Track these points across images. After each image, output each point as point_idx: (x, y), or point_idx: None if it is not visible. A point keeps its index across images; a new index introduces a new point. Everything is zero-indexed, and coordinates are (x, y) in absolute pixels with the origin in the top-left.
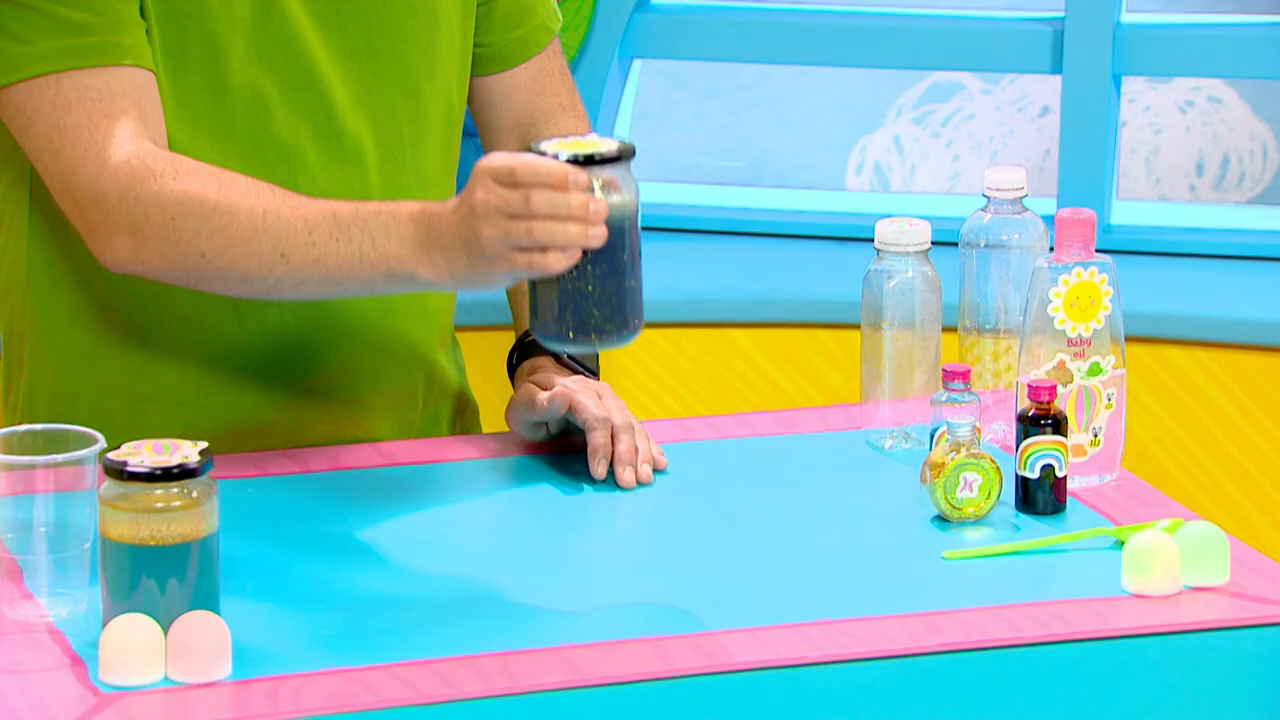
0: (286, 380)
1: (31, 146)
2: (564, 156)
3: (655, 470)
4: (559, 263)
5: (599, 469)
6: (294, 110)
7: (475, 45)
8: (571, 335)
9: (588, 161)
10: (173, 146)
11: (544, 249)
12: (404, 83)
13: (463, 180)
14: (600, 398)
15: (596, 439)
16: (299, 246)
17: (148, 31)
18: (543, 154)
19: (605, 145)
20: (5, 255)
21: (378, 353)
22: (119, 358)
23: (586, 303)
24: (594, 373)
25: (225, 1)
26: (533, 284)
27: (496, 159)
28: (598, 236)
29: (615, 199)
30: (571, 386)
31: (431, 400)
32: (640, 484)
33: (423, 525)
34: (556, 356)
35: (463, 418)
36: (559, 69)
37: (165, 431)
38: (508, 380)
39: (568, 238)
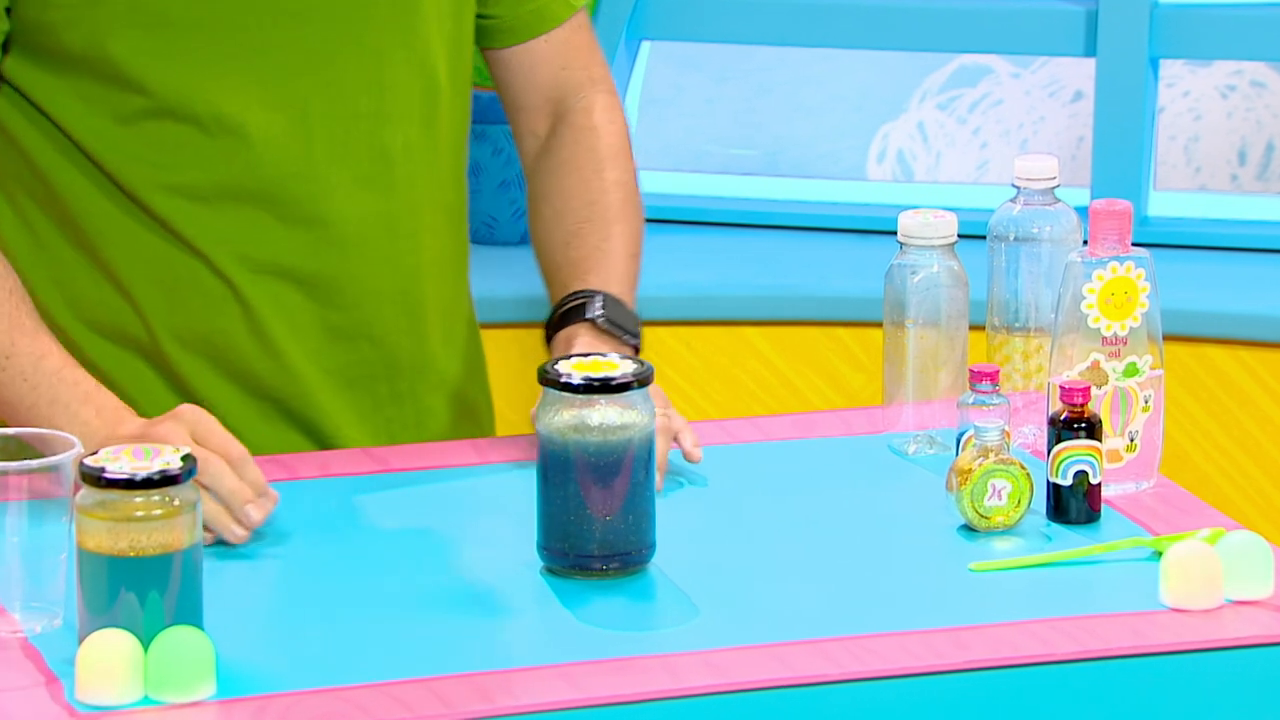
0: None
1: None
2: (577, 379)
3: (678, 470)
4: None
5: None
6: (239, 77)
7: (485, 17)
8: (569, 557)
9: (602, 386)
10: (123, 121)
11: None
12: (363, 49)
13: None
14: None
15: None
16: None
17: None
18: (557, 374)
19: (622, 369)
20: None
21: (316, 331)
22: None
23: (590, 528)
24: (634, 334)
25: None
26: (538, 499)
27: (195, 414)
28: (239, 537)
29: (626, 424)
30: None
31: (404, 388)
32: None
33: (418, 535)
34: (593, 323)
35: (467, 422)
36: (586, 43)
37: None
38: (517, 382)
39: (218, 524)
